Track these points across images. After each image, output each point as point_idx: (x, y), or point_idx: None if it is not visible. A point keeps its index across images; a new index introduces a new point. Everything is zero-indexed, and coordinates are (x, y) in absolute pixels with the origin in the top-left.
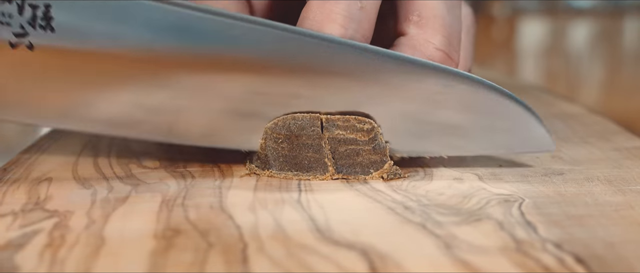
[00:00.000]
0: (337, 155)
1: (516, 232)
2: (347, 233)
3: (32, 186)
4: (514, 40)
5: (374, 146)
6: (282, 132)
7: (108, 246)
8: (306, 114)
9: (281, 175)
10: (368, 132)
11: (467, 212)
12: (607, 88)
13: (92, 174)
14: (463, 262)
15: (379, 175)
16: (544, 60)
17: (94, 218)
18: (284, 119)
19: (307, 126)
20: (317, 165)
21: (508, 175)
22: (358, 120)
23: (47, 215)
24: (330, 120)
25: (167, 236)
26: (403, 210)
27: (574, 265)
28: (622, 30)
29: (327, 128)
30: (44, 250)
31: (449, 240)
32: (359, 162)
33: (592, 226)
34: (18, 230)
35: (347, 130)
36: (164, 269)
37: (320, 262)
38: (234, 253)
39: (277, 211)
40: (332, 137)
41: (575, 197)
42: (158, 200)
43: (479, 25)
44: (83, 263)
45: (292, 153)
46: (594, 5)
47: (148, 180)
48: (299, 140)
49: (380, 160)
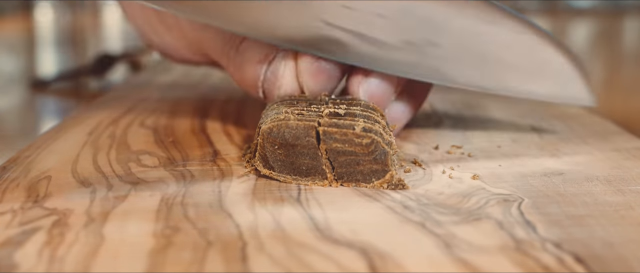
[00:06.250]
0: (336, 163)
1: (516, 232)
2: (346, 232)
3: (31, 184)
4: None
5: (374, 157)
6: (277, 139)
7: (107, 244)
8: (300, 122)
9: (281, 177)
10: (367, 146)
11: (467, 211)
12: (607, 88)
13: (91, 173)
14: (462, 262)
15: (380, 184)
16: None
17: (93, 216)
18: (279, 126)
19: (302, 136)
20: (316, 172)
21: (507, 175)
22: (356, 134)
23: (46, 213)
24: (327, 132)
25: (166, 235)
26: (402, 209)
27: (574, 265)
28: (622, 30)
29: (324, 140)
30: (43, 248)
31: (449, 239)
32: (359, 171)
33: (592, 226)
34: (17, 228)
35: (345, 143)
36: (163, 268)
37: (320, 260)
38: (233, 252)
39: (276, 210)
40: (330, 149)
41: (575, 197)
42: (157, 199)
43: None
44: (82, 261)
45: (289, 159)
46: (594, 5)
47: (147, 179)
48: (294, 149)
49: (382, 170)
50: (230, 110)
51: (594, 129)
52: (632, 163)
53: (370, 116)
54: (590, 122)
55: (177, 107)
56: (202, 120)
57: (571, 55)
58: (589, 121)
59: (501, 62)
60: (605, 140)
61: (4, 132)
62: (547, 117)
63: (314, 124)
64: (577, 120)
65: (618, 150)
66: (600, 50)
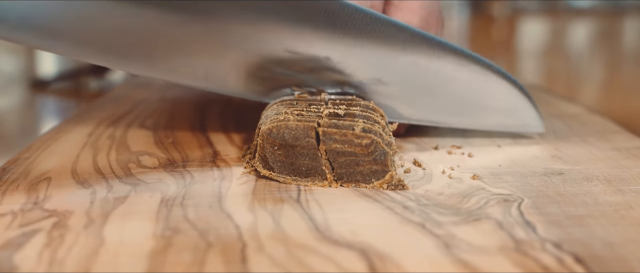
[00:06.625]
0: (335, 164)
1: (515, 232)
2: (346, 232)
3: (31, 186)
4: (514, 40)
5: (374, 157)
6: (277, 140)
7: (107, 246)
8: (300, 123)
9: (281, 178)
10: (366, 147)
11: (467, 211)
12: (606, 88)
13: (91, 174)
14: (462, 262)
15: (380, 185)
16: (544, 60)
17: (93, 217)
18: (279, 127)
19: (302, 137)
20: (316, 173)
21: (507, 175)
22: (356, 135)
23: (46, 214)
24: (326, 133)
25: (166, 236)
26: (402, 209)
27: (573, 265)
28: (622, 30)
29: (323, 141)
30: (43, 250)
31: (448, 239)
32: (359, 171)
33: (592, 226)
34: (17, 229)
35: (344, 144)
36: (163, 269)
37: (320, 261)
38: (233, 252)
39: (276, 211)
40: (329, 149)
41: (575, 196)
42: (157, 200)
43: (479, 25)
44: (82, 262)
45: (288, 160)
46: (594, 5)
47: (147, 180)
48: (294, 150)
49: (382, 170)
50: (230, 110)
51: (594, 128)
52: (632, 163)
53: (370, 116)
54: (590, 122)
55: (177, 107)
56: (202, 121)
57: (516, 85)
58: (589, 120)
59: (449, 96)
60: (605, 140)
61: (4, 132)
62: (547, 116)
63: (314, 125)
64: (576, 120)
65: (618, 149)
66: (600, 50)
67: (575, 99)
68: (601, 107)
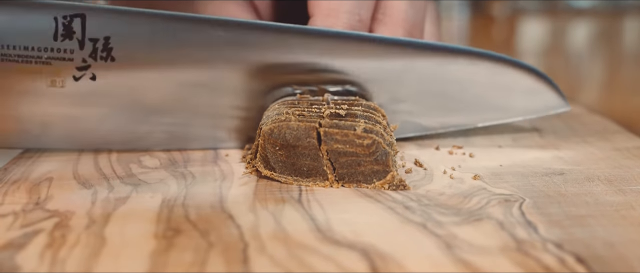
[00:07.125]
0: (337, 164)
1: (517, 232)
2: (347, 233)
3: (32, 186)
4: (514, 40)
5: (375, 157)
6: (278, 141)
7: (109, 246)
8: (301, 123)
9: (282, 178)
10: (368, 147)
11: (468, 211)
12: (607, 88)
13: (92, 174)
14: (464, 262)
15: (381, 185)
16: (544, 60)
17: (95, 218)
18: (280, 127)
19: (303, 137)
20: (317, 173)
21: (508, 175)
22: (357, 135)
23: (48, 215)
24: (328, 133)
25: (167, 236)
26: (403, 210)
27: (575, 265)
28: (622, 30)
29: (325, 141)
30: (45, 250)
31: (450, 240)
32: (360, 171)
33: (593, 226)
34: (19, 230)
35: (346, 144)
36: (164, 269)
37: (321, 261)
38: (235, 253)
39: (277, 211)
40: (331, 149)
41: (576, 196)
42: (159, 200)
43: (479, 25)
44: (84, 263)
45: (290, 160)
46: (594, 5)
47: (149, 180)
48: (295, 150)
49: (383, 171)
50: None
51: (595, 128)
52: (633, 163)
53: (372, 117)
54: (591, 121)
55: None
56: None
57: (531, 70)
58: (590, 120)
59: (467, 97)
60: (605, 140)
61: None
62: (547, 116)
63: (315, 125)
64: (577, 120)
65: (618, 149)
66: (600, 50)
67: (576, 98)
68: (602, 107)
